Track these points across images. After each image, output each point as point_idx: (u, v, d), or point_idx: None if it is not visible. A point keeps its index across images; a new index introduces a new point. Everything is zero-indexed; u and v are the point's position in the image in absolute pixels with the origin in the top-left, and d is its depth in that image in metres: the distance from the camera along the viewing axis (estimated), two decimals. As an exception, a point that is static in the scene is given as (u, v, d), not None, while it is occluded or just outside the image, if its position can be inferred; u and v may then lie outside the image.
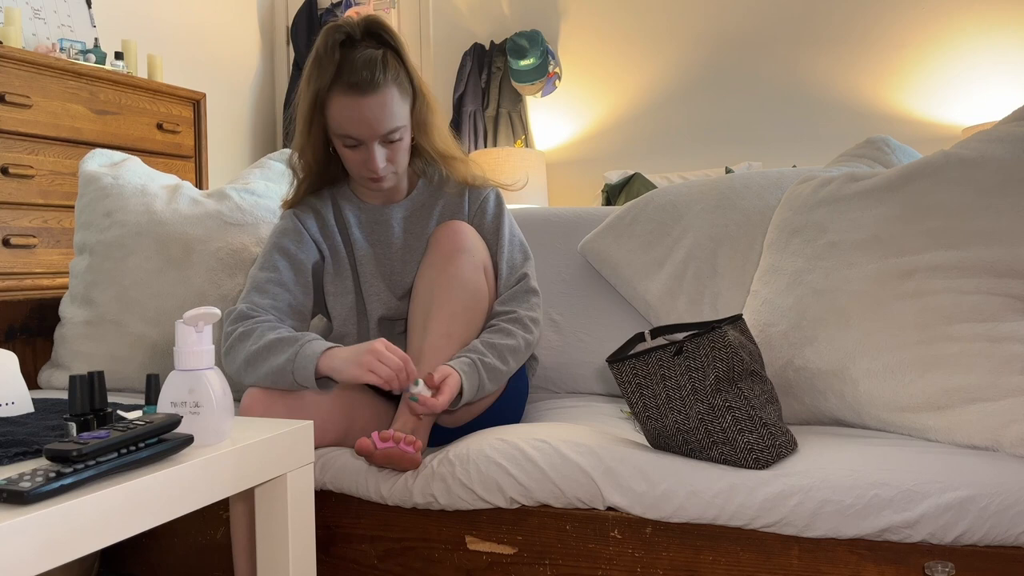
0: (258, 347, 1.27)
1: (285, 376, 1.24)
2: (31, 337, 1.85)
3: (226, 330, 1.34)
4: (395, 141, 1.35)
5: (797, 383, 1.33)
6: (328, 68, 1.31)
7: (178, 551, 1.45)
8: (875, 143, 1.67)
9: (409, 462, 1.21)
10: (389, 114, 1.32)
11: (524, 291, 1.42)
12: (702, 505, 1.11)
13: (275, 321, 1.34)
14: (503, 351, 1.33)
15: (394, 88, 1.32)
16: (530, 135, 3.94)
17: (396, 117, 1.33)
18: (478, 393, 1.29)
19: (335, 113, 1.32)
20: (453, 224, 1.40)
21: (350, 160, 1.37)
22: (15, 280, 2.51)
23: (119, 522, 0.77)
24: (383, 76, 1.30)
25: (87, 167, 1.89)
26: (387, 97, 1.31)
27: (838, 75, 3.43)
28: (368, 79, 1.29)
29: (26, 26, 2.91)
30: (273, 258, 1.42)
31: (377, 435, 1.20)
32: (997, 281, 1.22)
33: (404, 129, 1.36)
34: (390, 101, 1.31)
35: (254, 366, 1.27)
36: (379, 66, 1.30)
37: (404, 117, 1.35)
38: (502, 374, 1.33)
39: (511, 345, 1.34)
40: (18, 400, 1.13)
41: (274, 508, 0.99)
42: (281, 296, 1.38)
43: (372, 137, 1.32)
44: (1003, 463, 1.07)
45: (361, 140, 1.33)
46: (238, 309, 1.35)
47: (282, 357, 1.24)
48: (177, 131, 3.15)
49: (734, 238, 1.61)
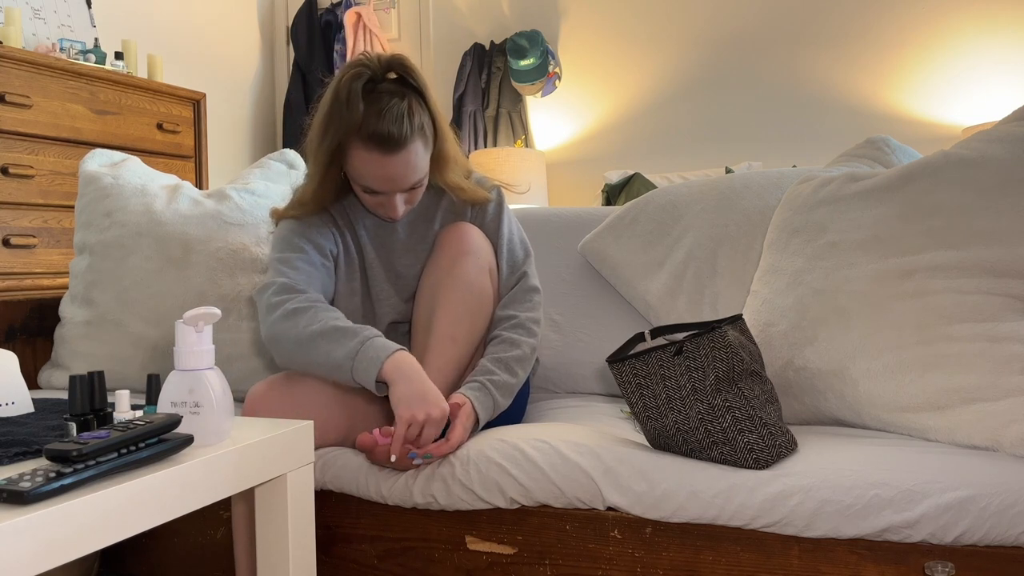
0: (313, 330, 1.23)
1: (343, 370, 1.21)
2: (31, 337, 1.85)
3: (270, 300, 1.29)
4: (416, 188, 1.33)
5: (797, 383, 1.33)
6: (351, 116, 1.25)
7: (178, 551, 1.45)
8: (875, 143, 1.67)
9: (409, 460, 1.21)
10: (413, 170, 1.29)
11: (524, 291, 1.42)
12: (702, 505, 1.11)
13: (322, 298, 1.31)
14: (510, 363, 1.33)
15: (418, 142, 1.28)
16: (530, 135, 3.94)
17: (419, 170, 1.30)
18: (494, 413, 1.30)
19: (357, 164, 1.28)
20: (459, 226, 1.40)
21: (368, 201, 1.34)
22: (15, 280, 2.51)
23: (119, 522, 0.77)
24: (409, 131, 1.25)
25: (87, 167, 1.89)
26: (411, 154, 1.27)
27: (838, 75, 3.43)
28: (394, 137, 1.24)
29: (26, 26, 2.91)
30: (297, 241, 1.37)
31: (379, 431, 1.20)
32: (997, 281, 1.22)
33: (425, 176, 1.34)
34: (414, 157, 1.28)
35: (305, 350, 1.23)
36: (405, 121, 1.25)
37: (426, 165, 1.32)
38: (513, 387, 1.33)
39: (517, 355, 1.34)
40: (18, 400, 1.13)
41: (274, 508, 0.99)
42: (314, 276, 1.35)
43: (395, 191, 1.31)
44: (1003, 463, 1.07)
45: (383, 192, 1.31)
46: (278, 282, 1.30)
47: (341, 351, 1.20)
48: (177, 131, 3.15)
49: (734, 238, 1.61)
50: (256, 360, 1.67)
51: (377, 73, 1.28)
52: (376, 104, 1.25)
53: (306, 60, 4.15)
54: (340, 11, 4.15)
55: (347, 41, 4.04)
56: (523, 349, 1.35)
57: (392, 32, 4.19)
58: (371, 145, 1.25)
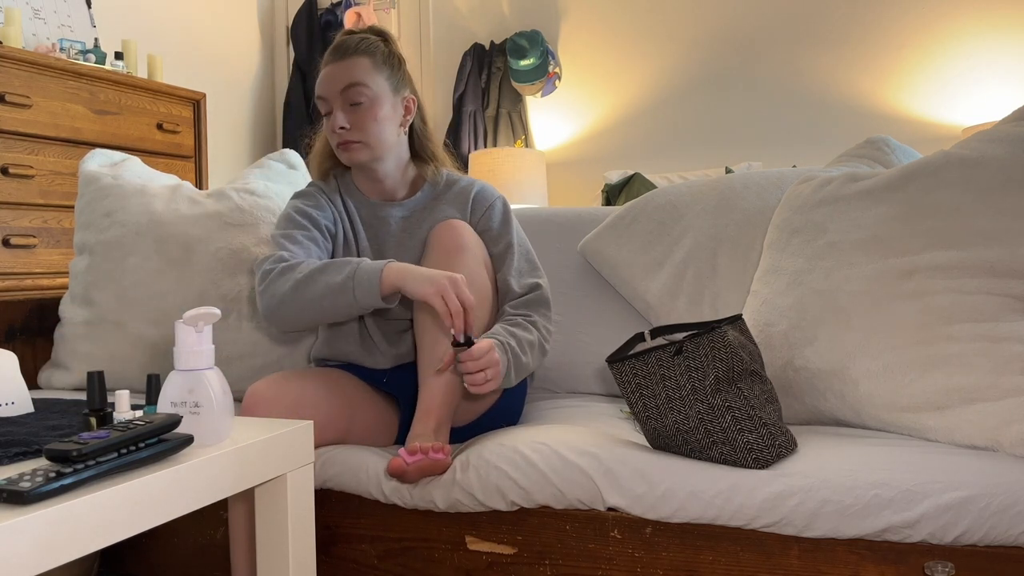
0: (307, 272, 1.27)
1: (344, 294, 1.23)
2: (31, 337, 1.85)
3: (263, 269, 1.33)
4: (358, 103, 1.38)
5: (797, 383, 1.33)
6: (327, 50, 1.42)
7: (178, 551, 1.45)
8: (875, 143, 1.67)
9: (442, 467, 1.21)
10: (352, 74, 1.38)
11: (540, 301, 1.42)
12: (702, 505, 1.11)
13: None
14: (523, 342, 1.33)
15: (365, 57, 1.39)
16: (530, 135, 3.94)
17: (357, 77, 1.38)
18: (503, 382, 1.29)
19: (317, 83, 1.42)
20: (451, 223, 1.41)
21: (327, 130, 1.42)
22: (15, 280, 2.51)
23: (119, 522, 0.77)
24: (359, 46, 1.39)
25: (87, 167, 1.89)
26: (356, 61, 1.39)
27: (838, 75, 3.43)
28: (341, 46, 1.39)
29: (26, 26, 2.91)
30: (299, 218, 1.43)
31: (404, 452, 1.18)
32: (997, 281, 1.22)
33: (370, 94, 1.39)
34: (358, 65, 1.39)
35: (304, 289, 1.26)
36: (360, 40, 1.40)
37: (373, 84, 1.39)
38: (525, 367, 1.33)
39: (531, 340, 1.34)
40: (18, 400, 1.13)
41: (274, 508, 0.99)
42: (312, 250, 1.39)
43: (334, 95, 1.38)
44: (1003, 463, 1.07)
45: (326, 98, 1.39)
46: (276, 255, 1.34)
47: (339, 276, 1.24)
48: (177, 131, 3.15)
49: (734, 238, 1.61)
50: (256, 360, 1.67)
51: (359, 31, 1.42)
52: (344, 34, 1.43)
53: (306, 60, 4.15)
54: (340, 11, 4.15)
55: (347, 41, 4.04)
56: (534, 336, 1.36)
57: (392, 32, 4.19)
58: (327, 57, 1.41)
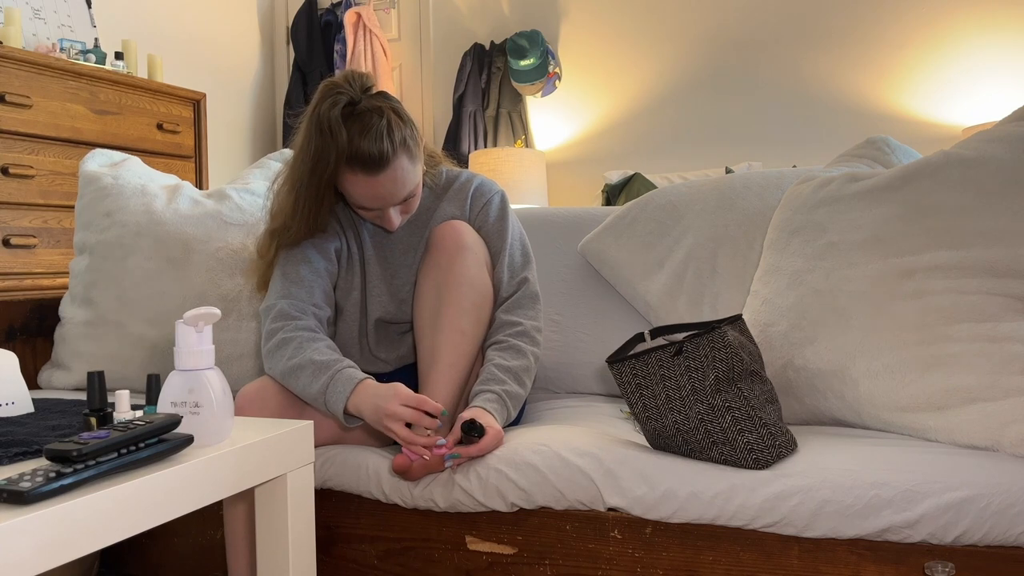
0: (294, 363, 1.28)
1: (319, 404, 1.26)
2: (31, 337, 1.85)
3: (268, 327, 1.34)
4: (409, 200, 1.35)
5: (797, 383, 1.33)
6: (336, 145, 1.26)
7: (178, 551, 1.45)
8: (875, 143, 1.67)
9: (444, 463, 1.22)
10: (401, 185, 1.31)
11: (527, 297, 1.42)
12: (702, 505, 1.11)
13: (314, 324, 1.34)
14: (519, 374, 1.33)
15: (403, 157, 1.29)
16: (530, 135, 3.94)
17: (408, 184, 1.32)
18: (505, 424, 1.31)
19: (348, 187, 1.31)
20: (452, 224, 1.41)
21: (364, 216, 1.38)
22: (15, 280, 2.51)
23: (119, 522, 0.77)
24: (391, 149, 1.27)
25: (87, 167, 1.89)
26: (397, 171, 1.29)
27: (838, 75, 3.43)
28: (379, 157, 1.26)
29: (26, 26, 2.91)
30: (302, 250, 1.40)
31: (407, 449, 1.20)
32: (997, 281, 1.22)
33: (417, 186, 1.35)
34: (401, 172, 1.29)
35: (291, 380, 1.28)
36: (386, 140, 1.26)
37: (416, 176, 1.34)
38: (521, 398, 1.34)
39: (524, 365, 1.35)
40: (18, 400, 1.13)
41: (274, 508, 0.99)
42: (315, 285, 1.38)
43: (388, 206, 1.33)
44: (1003, 463, 1.07)
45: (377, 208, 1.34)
46: (279, 307, 1.34)
47: (315, 385, 1.25)
48: (177, 131, 3.15)
49: (734, 238, 1.61)
50: (256, 360, 1.67)
51: (355, 95, 1.29)
52: (357, 125, 1.26)
53: (306, 60, 4.15)
54: (340, 11, 4.15)
55: (347, 41, 4.04)
56: (529, 359, 1.36)
57: (392, 32, 4.19)
58: (357, 168, 1.27)
